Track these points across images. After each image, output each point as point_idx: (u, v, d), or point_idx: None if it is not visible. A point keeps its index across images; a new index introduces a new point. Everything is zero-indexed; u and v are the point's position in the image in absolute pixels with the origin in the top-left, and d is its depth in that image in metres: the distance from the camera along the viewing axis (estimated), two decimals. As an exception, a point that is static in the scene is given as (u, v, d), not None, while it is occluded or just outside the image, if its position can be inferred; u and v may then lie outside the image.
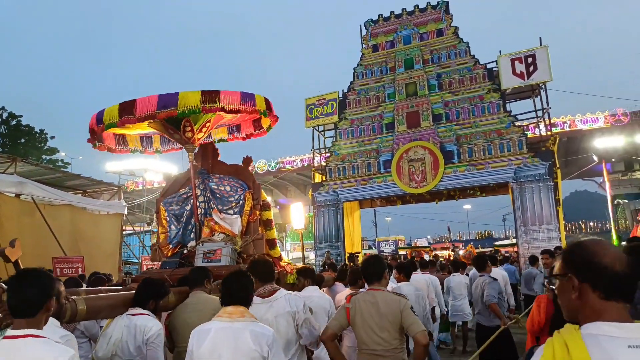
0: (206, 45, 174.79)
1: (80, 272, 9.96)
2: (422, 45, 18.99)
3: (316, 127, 20.72)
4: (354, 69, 20.08)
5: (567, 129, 25.84)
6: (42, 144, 35.07)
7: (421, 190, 17.63)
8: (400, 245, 34.35)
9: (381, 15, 20.19)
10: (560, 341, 1.28)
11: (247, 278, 2.86)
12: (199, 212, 5.20)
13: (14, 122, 33.68)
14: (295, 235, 36.45)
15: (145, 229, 28.04)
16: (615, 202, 26.15)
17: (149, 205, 30.64)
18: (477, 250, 23.95)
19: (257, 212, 5.14)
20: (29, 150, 32.49)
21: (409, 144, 17.84)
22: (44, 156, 33.78)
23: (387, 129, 18.67)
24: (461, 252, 22.49)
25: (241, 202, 5.08)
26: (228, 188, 5.18)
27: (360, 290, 4.28)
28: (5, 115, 33.55)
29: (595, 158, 22.76)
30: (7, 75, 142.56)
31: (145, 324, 3.03)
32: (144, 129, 5.01)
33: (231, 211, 5.09)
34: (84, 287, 5.14)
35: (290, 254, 34.18)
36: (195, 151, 5.16)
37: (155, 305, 3.23)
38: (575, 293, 1.35)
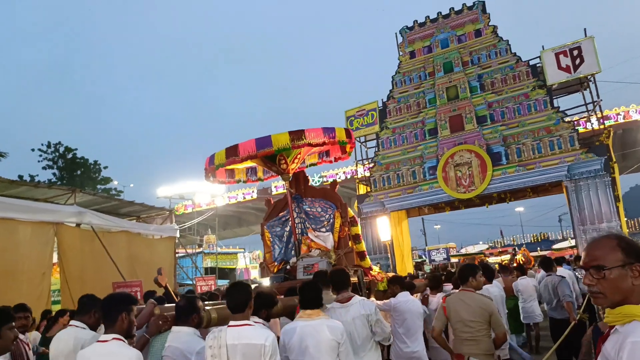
0: (242, 66, 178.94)
1: (139, 296, 10.27)
2: (460, 47, 18.68)
3: (358, 139, 20.67)
4: (392, 77, 19.97)
5: (622, 121, 24.62)
6: (97, 174, 36.70)
7: (470, 195, 17.19)
8: (452, 253, 33.51)
9: (416, 21, 20.04)
10: None
11: (317, 287, 3.46)
12: (297, 232, 5.97)
13: (70, 156, 35.46)
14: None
15: (197, 250, 28.69)
16: (681, 194, 24.52)
17: (199, 227, 31.37)
18: (532, 254, 23.05)
19: (346, 229, 5.85)
20: (85, 181, 34.09)
21: (454, 149, 17.48)
22: (98, 186, 35.33)
23: (430, 135, 18.39)
24: (518, 256, 21.70)
25: (331, 220, 5.81)
26: (319, 209, 5.96)
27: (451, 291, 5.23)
28: (62, 149, 35.39)
29: (654, 149, 21.53)
30: (60, 112, 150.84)
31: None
32: (249, 163, 5.98)
33: (323, 229, 5.83)
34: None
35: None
36: (290, 179, 5.95)
37: (267, 314, 3.54)
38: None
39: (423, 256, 34.43)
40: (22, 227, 9.06)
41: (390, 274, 6.29)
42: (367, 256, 6.25)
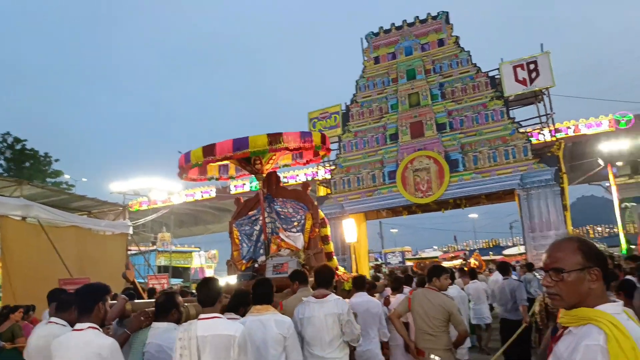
0: (208, 65, 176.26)
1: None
2: (423, 55, 19.03)
3: (319, 141, 20.68)
4: (357, 81, 20.12)
5: (572, 134, 25.71)
6: (47, 167, 35.24)
7: (427, 200, 17.52)
8: (407, 257, 34.07)
9: (382, 27, 20.28)
10: (606, 321, 1.54)
11: (268, 284, 3.66)
12: (267, 231, 6.02)
13: (19, 146, 33.89)
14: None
15: (150, 248, 27.95)
16: (623, 205, 25.91)
17: (154, 225, 30.57)
18: (484, 259, 23.73)
19: (316, 230, 6.00)
20: (34, 173, 32.62)
21: (414, 154, 17.78)
22: (48, 179, 33.91)
23: (391, 140, 18.63)
24: (472, 261, 22.27)
25: (303, 221, 5.95)
26: (291, 210, 6.09)
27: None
28: (10, 140, 33.78)
29: (600, 162, 22.60)
30: (10, 100, 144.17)
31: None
32: (222, 161, 6.05)
33: (294, 229, 5.94)
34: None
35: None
36: (263, 179, 6.09)
37: (244, 311, 3.64)
38: (597, 282, 1.65)
39: (379, 259, 34.86)
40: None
41: (354, 274, 6.43)
42: (335, 257, 6.44)
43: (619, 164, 24.97)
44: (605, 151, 22.18)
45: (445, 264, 26.08)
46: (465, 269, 11.60)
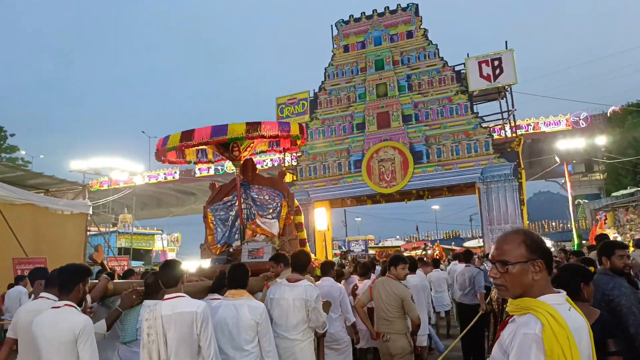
0: (171, 47, 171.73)
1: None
2: (392, 46, 19.18)
3: (287, 127, 20.64)
4: (325, 68, 20.12)
5: (531, 131, 26.59)
6: (1, 142, 33.85)
7: (391, 190, 17.81)
8: (370, 245, 34.59)
9: (352, 15, 20.28)
10: (544, 311, 1.63)
11: (244, 269, 3.74)
12: (243, 217, 6.20)
13: (-29, 119, 32.40)
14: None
15: (111, 229, 27.36)
16: (576, 202, 27.05)
17: (115, 206, 29.90)
18: (445, 248, 24.38)
19: (292, 217, 6.16)
20: (-13, 148, 31.29)
21: (379, 144, 18.00)
22: (3, 154, 32.61)
23: (357, 129, 18.78)
24: (429, 251, 22.83)
25: (278, 208, 6.09)
26: (267, 197, 6.23)
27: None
28: (-39, 111, 32.22)
29: (557, 159, 23.50)
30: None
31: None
32: (199, 146, 6.30)
33: (269, 216, 6.07)
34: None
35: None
36: (239, 166, 6.25)
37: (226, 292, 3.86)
38: (540, 273, 1.74)
39: (343, 247, 35.25)
40: None
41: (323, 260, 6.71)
42: (307, 243, 6.69)
43: (574, 162, 26.02)
44: (562, 149, 23.07)
45: (407, 254, 26.68)
46: (426, 259, 11.97)
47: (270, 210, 6.13)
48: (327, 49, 20.52)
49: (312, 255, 6.56)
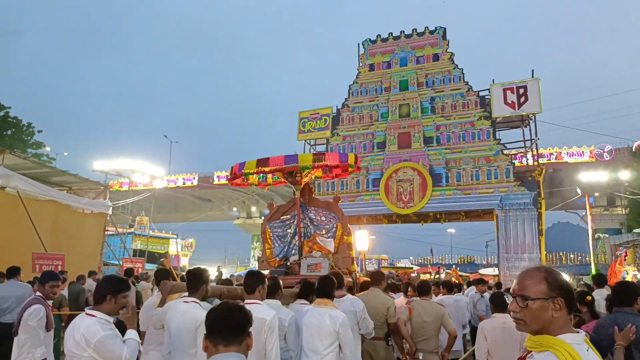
0: (196, 54, 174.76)
1: (59, 269, 9.81)
2: (417, 68, 19.26)
3: (308, 141, 20.79)
4: (350, 86, 20.27)
5: (554, 161, 26.29)
6: (29, 137, 34.64)
7: (408, 211, 17.74)
8: (383, 265, 34.31)
9: (379, 35, 20.46)
10: (563, 350, 1.66)
11: (331, 281, 4.19)
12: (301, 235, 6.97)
13: (1, 113, 33.26)
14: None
15: (128, 230, 27.69)
16: (596, 236, 26.54)
17: (133, 207, 30.30)
18: (460, 274, 24.04)
19: (345, 237, 6.89)
20: (15, 142, 32.05)
21: (399, 164, 17.99)
22: (29, 150, 33.34)
23: (378, 148, 18.82)
24: (442, 276, 22.55)
25: (334, 229, 6.86)
26: (323, 218, 7.02)
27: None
28: (-7, 106, 33.12)
29: (579, 191, 23.14)
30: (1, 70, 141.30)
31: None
32: (270, 173, 7.15)
33: (326, 235, 6.81)
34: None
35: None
36: (300, 190, 6.99)
37: (311, 299, 4.31)
38: (560, 311, 1.75)
39: (355, 264, 34.93)
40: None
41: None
42: (354, 262, 7.34)
43: (596, 194, 25.59)
44: (584, 181, 22.73)
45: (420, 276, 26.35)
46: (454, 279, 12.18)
47: (324, 231, 6.91)
48: (352, 67, 20.70)
49: (359, 273, 7.47)
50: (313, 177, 7.70)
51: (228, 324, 1.93)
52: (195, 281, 3.72)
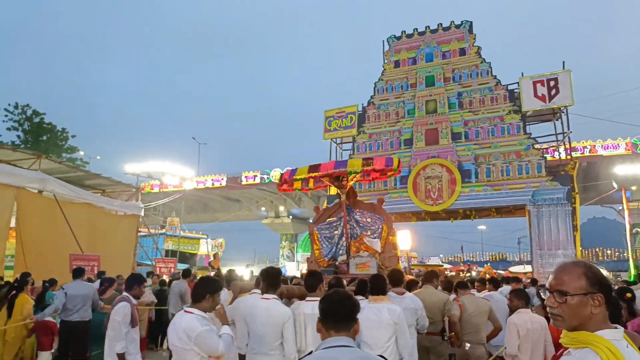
0: (219, 54, 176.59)
1: (96, 270, 10.09)
2: (444, 63, 19.02)
3: (334, 140, 20.79)
4: (375, 83, 20.17)
5: (587, 154, 25.56)
6: (63, 142, 35.63)
7: (437, 208, 17.55)
8: (412, 263, 34.02)
9: (404, 31, 20.29)
10: (603, 347, 1.61)
11: (384, 279, 4.47)
12: (348, 236, 7.28)
13: (37, 120, 34.33)
14: (305, 247, 36.43)
15: (159, 231, 28.23)
16: (634, 230, 25.68)
17: (163, 209, 30.87)
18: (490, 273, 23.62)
19: (390, 237, 7.10)
20: (50, 147, 33.03)
21: (427, 161, 17.81)
22: (64, 154, 34.29)
23: (405, 145, 18.67)
24: (474, 273, 22.21)
25: (379, 230, 7.11)
26: (369, 220, 7.27)
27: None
28: (29, 112, 34.23)
29: (615, 185, 22.41)
30: (31, 74, 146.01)
31: None
32: (320, 178, 7.35)
33: (372, 236, 7.07)
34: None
35: (300, 265, 34.11)
36: (345, 193, 7.27)
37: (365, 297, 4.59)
38: (599, 307, 1.69)
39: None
40: (-20, 187, 8.76)
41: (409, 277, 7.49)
42: (399, 261, 7.65)
43: (633, 188, 24.76)
44: (620, 174, 22.00)
45: (448, 274, 26.00)
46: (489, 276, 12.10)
47: (370, 232, 7.15)
48: (377, 64, 20.60)
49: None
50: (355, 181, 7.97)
51: (339, 311, 2.10)
52: (273, 279, 4.05)
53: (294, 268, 34.70)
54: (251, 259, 44.77)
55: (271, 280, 4.06)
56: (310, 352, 2.07)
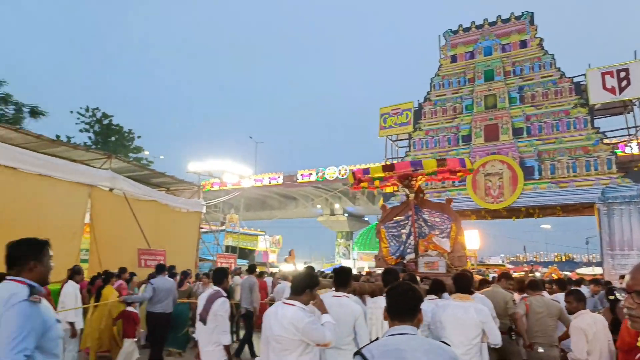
0: (275, 53, 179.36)
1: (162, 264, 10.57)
2: (503, 56, 18.40)
3: (389, 137, 20.63)
4: (431, 79, 19.82)
5: (663, 149, 23.81)
6: (130, 143, 37.49)
7: (498, 206, 17.02)
8: (472, 262, 33.17)
9: (461, 25, 19.80)
10: None
11: (469, 278, 4.51)
12: (416, 235, 7.38)
13: (106, 121, 36.33)
14: (362, 244, 36.37)
15: (220, 228, 29.16)
16: None
17: (223, 206, 31.83)
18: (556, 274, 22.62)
19: (459, 237, 7.18)
20: (118, 147, 34.84)
21: (487, 158, 17.30)
22: (130, 154, 36.08)
23: (463, 141, 18.24)
24: (537, 275, 21.35)
25: (448, 229, 7.19)
26: (438, 219, 7.36)
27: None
28: (99, 114, 36.28)
29: (695, 181, 20.84)
30: (99, 80, 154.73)
31: None
32: (392, 177, 7.55)
33: (441, 235, 7.14)
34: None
35: (357, 263, 34.11)
36: (414, 193, 7.42)
37: (440, 295, 4.81)
38: None
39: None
40: (59, 185, 9.39)
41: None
42: (468, 260, 7.83)
43: None
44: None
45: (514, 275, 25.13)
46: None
47: (438, 232, 7.26)
48: (433, 59, 20.24)
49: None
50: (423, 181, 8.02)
51: (402, 302, 2.24)
52: (345, 278, 4.24)
53: (350, 266, 34.74)
54: (307, 256, 45.29)
55: (342, 278, 4.24)
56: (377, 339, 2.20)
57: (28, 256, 2.32)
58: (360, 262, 33.79)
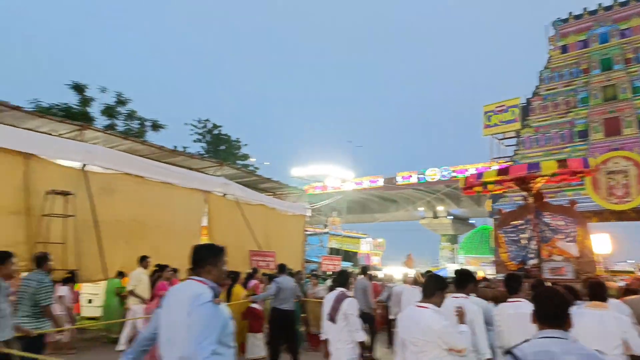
0: (379, 53, 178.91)
1: (271, 266, 11.13)
2: (623, 43, 16.81)
3: (494, 135, 19.75)
4: (540, 72, 18.67)
5: None
6: (237, 151, 39.75)
7: (624, 207, 15.54)
8: (602, 268, 30.46)
9: (571, 13, 18.44)
10: None
11: (603, 286, 4.30)
12: (539, 240, 7.24)
13: (216, 132, 38.94)
14: (468, 248, 35.08)
15: (323, 230, 29.86)
16: None
17: (325, 209, 32.53)
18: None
19: (586, 242, 6.96)
20: (227, 155, 37.10)
21: (608, 154, 15.89)
22: (238, 161, 38.25)
23: (579, 137, 16.93)
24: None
25: (574, 233, 6.98)
26: (562, 222, 7.18)
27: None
28: (209, 125, 39.02)
29: None
30: (209, 95, 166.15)
31: None
32: (508, 181, 7.56)
33: (566, 239, 6.97)
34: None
35: (463, 267, 32.91)
36: (532, 196, 7.34)
37: None
38: None
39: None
40: (178, 192, 10.29)
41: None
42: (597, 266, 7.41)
43: None
44: None
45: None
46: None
47: (562, 236, 7.06)
48: (540, 52, 19.05)
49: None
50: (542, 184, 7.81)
51: (549, 307, 2.26)
52: (464, 279, 4.34)
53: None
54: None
55: (461, 280, 4.34)
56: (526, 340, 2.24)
57: (206, 260, 2.65)
58: (468, 266, 32.57)
